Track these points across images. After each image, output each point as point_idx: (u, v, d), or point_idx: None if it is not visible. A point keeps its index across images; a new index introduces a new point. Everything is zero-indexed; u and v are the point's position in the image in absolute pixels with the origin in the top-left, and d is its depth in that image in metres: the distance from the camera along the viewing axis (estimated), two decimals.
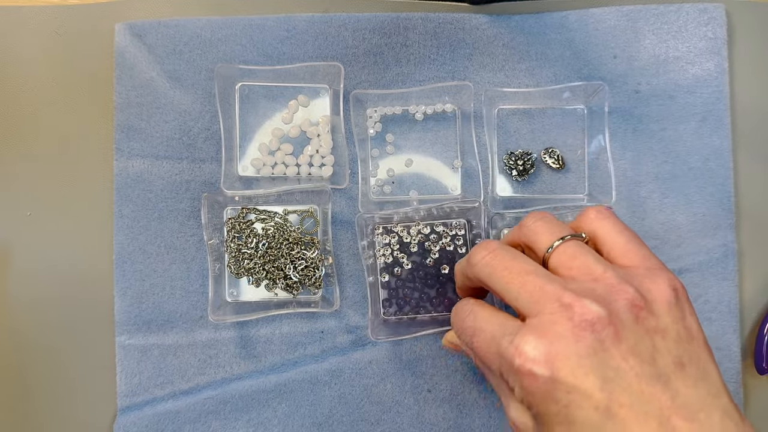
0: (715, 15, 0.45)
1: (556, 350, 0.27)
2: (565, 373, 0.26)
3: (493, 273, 0.31)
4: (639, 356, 0.27)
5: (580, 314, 0.27)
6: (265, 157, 0.45)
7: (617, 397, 0.26)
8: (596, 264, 0.30)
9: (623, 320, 0.27)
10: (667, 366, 0.27)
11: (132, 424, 0.43)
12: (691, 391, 0.27)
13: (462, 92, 0.45)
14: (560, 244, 0.31)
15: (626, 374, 0.27)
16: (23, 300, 0.44)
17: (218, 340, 0.44)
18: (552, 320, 0.27)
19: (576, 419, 0.27)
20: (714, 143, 0.45)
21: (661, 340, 0.28)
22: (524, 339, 0.28)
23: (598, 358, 0.27)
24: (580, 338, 0.27)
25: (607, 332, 0.27)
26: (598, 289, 0.28)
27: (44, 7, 0.46)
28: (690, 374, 0.27)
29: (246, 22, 0.45)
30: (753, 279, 0.45)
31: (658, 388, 0.27)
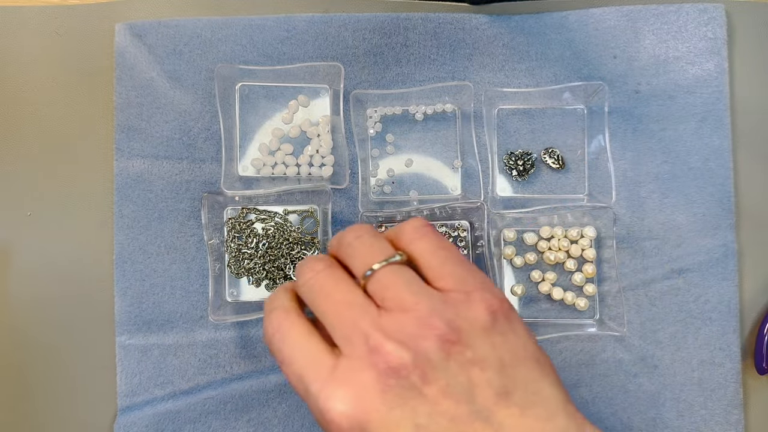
0: (715, 15, 0.45)
1: (363, 404, 0.25)
2: (374, 426, 0.25)
3: (314, 299, 0.29)
4: (453, 396, 0.25)
5: (384, 360, 0.26)
6: (265, 157, 0.45)
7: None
8: (408, 294, 0.27)
9: (432, 360, 0.26)
10: (488, 400, 0.26)
11: (132, 424, 0.43)
12: (517, 421, 0.25)
13: (462, 92, 0.45)
14: (375, 271, 0.28)
15: (439, 419, 0.25)
16: (23, 300, 0.44)
17: (218, 340, 0.44)
18: (359, 366, 0.26)
19: None
20: (714, 143, 0.45)
21: (480, 373, 0.26)
22: (333, 393, 0.26)
23: (408, 407, 0.25)
24: (386, 388, 0.25)
25: (413, 377, 0.25)
26: (408, 326, 0.26)
27: (44, 7, 0.46)
28: (516, 402, 0.26)
29: (246, 22, 0.45)
30: (753, 279, 0.45)
31: (477, 426, 0.25)
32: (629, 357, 0.44)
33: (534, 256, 0.45)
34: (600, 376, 0.44)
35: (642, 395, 0.43)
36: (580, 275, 0.44)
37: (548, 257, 0.44)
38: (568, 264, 0.44)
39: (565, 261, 0.44)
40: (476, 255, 0.44)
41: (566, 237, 0.44)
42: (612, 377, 0.43)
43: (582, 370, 0.44)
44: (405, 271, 0.28)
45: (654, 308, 0.44)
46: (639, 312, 0.44)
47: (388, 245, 0.30)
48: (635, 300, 0.44)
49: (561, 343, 0.44)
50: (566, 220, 0.45)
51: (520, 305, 0.44)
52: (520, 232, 0.45)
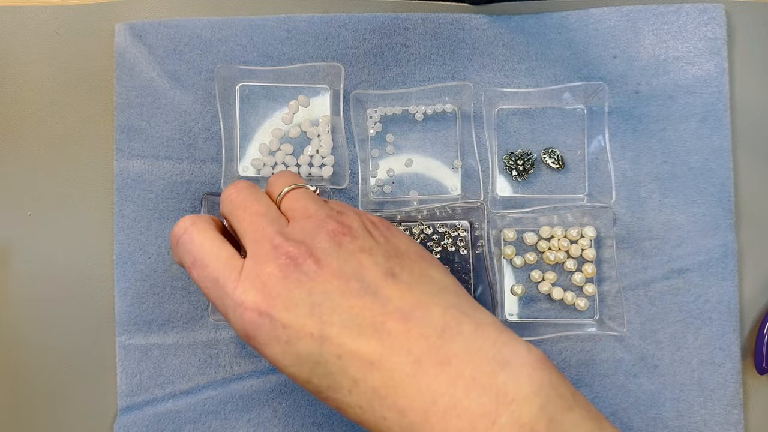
0: (715, 15, 0.45)
1: (268, 291, 0.29)
2: (278, 310, 0.28)
3: (232, 211, 0.33)
4: (344, 276, 0.29)
5: (284, 253, 0.29)
6: (265, 157, 0.45)
7: (327, 319, 0.28)
8: (312, 204, 0.33)
9: (325, 248, 0.30)
10: (377, 278, 0.29)
11: (132, 424, 0.43)
12: (405, 294, 0.29)
13: (462, 92, 0.45)
14: (290, 189, 0.34)
15: (332, 295, 0.28)
16: (23, 300, 0.44)
17: (218, 340, 0.44)
18: (263, 261, 0.30)
19: (299, 352, 0.28)
20: (714, 143, 0.45)
21: (368, 257, 0.30)
22: (245, 288, 0.29)
23: (305, 289, 0.29)
24: (286, 275, 0.29)
25: (309, 263, 0.29)
26: (308, 227, 0.31)
27: (44, 7, 0.46)
28: (403, 280, 0.30)
29: (246, 23, 0.45)
30: (753, 279, 0.45)
31: (367, 299, 0.28)
32: (629, 357, 0.44)
33: (534, 256, 0.45)
34: (600, 376, 0.44)
35: (642, 395, 0.43)
36: (580, 275, 0.44)
37: (548, 257, 0.44)
38: (568, 264, 0.44)
39: (565, 261, 0.45)
40: (476, 255, 0.44)
41: (566, 237, 0.44)
42: (612, 377, 0.43)
43: (582, 370, 0.44)
44: (310, 193, 0.34)
45: (654, 308, 0.44)
46: (639, 312, 0.44)
47: (303, 180, 0.36)
48: (635, 300, 0.44)
49: (561, 343, 0.44)
50: (566, 220, 0.45)
51: (520, 305, 0.44)
52: (520, 232, 0.45)
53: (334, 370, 0.28)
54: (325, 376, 0.28)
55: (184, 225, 0.33)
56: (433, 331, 0.28)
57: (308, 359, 0.28)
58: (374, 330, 0.28)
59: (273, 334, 0.28)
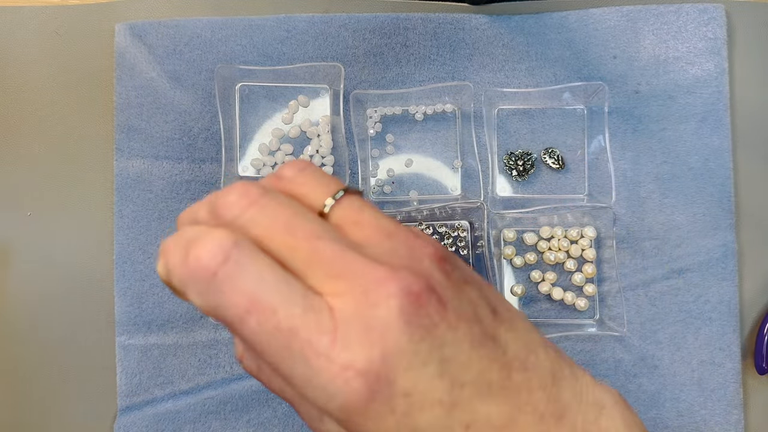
0: (715, 15, 0.45)
1: (387, 346, 0.20)
2: (400, 373, 0.20)
3: (267, 232, 0.21)
4: (466, 318, 0.22)
5: (400, 290, 0.20)
6: (265, 157, 0.45)
7: (458, 378, 0.21)
8: (384, 217, 0.23)
9: (440, 282, 0.21)
10: (488, 317, 0.22)
11: (132, 424, 0.43)
12: (513, 336, 0.23)
13: (462, 92, 0.45)
14: (343, 196, 0.23)
15: (462, 345, 0.21)
16: (23, 300, 0.44)
17: (218, 340, 0.44)
18: (368, 304, 0.20)
19: (418, 426, 0.21)
20: (714, 143, 0.45)
21: (471, 290, 0.23)
22: (347, 341, 0.20)
23: (432, 337, 0.20)
24: (409, 321, 0.20)
25: (432, 301, 0.21)
26: (400, 249, 0.22)
27: (44, 7, 0.46)
28: (505, 318, 0.23)
29: (246, 23, 0.45)
30: (753, 279, 0.45)
31: (492, 346, 0.22)
32: (629, 357, 0.44)
33: (534, 256, 0.45)
34: (600, 376, 0.43)
35: (642, 395, 0.43)
36: (580, 275, 0.44)
37: (548, 257, 0.44)
38: (568, 264, 0.44)
39: (565, 261, 0.44)
40: (476, 255, 0.44)
41: (566, 237, 0.44)
42: (612, 377, 0.43)
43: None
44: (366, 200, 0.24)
45: (654, 308, 0.44)
46: (639, 312, 0.44)
47: (336, 179, 0.25)
48: (635, 300, 0.44)
49: (561, 343, 0.44)
50: (566, 220, 0.45)
51: (520, 305, 0.44)
52: (520, 232, 0.45)
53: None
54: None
55: (223, 249, 0.21)
56: (548, 380, 0.23)
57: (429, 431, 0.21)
58: (502, 388, 0.22)
59: (389, 404, 0.20)
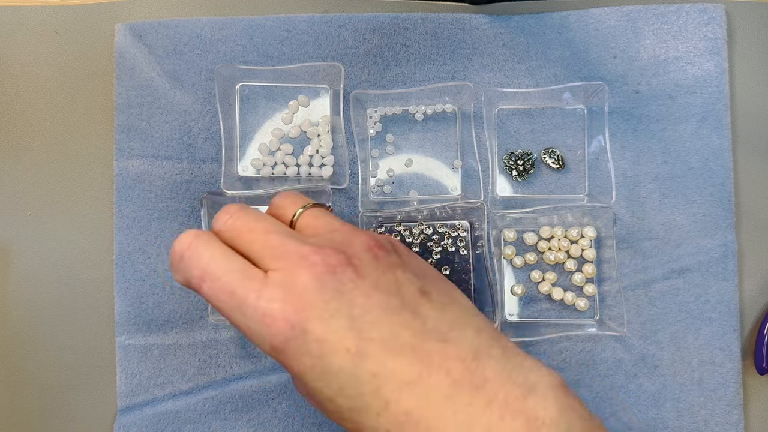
0: (715, 15, 0.45)
1: (302, 301, 0.27)
2: (313, 323, 0.26)
3: (237, 236, 0.30)
4: (384, 290, 0.28)
5: (319, 261, 0.27)
6: (265, 157, 0.45)
7: (367, 333, 0.26)
8: (335, 220, 0.31)
9: (363, 259, 0.28)
10: (413, 295, 0.28)
11: (132, 424, 0.43)
12: (439, 314, 0.28)
13: (462, 92, 0.45)
14: (304, 210, 0.32)
15: (373, 309, 0.27)
16: (23, 300, 0.44)
17: (218, 340, 0.44)
18: (294, 272, 0.27)
19: (331, 367, 0.26)
20: (714, 143, 0.45)
21: (402, 273, 0.29)
22: (273, 296, 0.27)
23: (344, 299, 0.27)
24: (323, 284, 0.27)
25: (347, 273, 0.27)
26: (337, 238, 0.29)
27: (44, 7, 0.46)
28: (436, 300, 0.29)
29: (246, 23, 0.45)
30: (753, 279, 0.45)
31: (408, 316, 0.27)
32: (629, 357, 0.44)
33: (534, 256, 0.45)
34: (600, 376, 0.44)
35: (642, 395, 0.43)
36: (580, 275, 0.44)
37: (548, 257, 0.44)
38: (568, 264, 0.44)
39: (565, 261, 0.44)
40: (476, 255, 0.44)
41: (566, 237, 0.44)
42: (612, 377, 0.43)
43: (582, 370, 0.44)
44: (327, 212, 0.33)
45: (654, 308, 0.44)
46: (639, 312, 0.44)
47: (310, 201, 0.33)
48: (635, 300, 0.44)
49: (561, 343, 0.44)
50: (566, 220, 0.45)
51: (520, 305, 0.44)
52: (520, 232, 0.45)
53: (366, 390, 0.26)
54: (353, 396, 0.26)
55: (188, 239, 0.30)
56: (468, 354, 0.27)
57: (339, 376, 0.26)
58: (413, 349, 0.26)
59: (305, 347, 0.26)
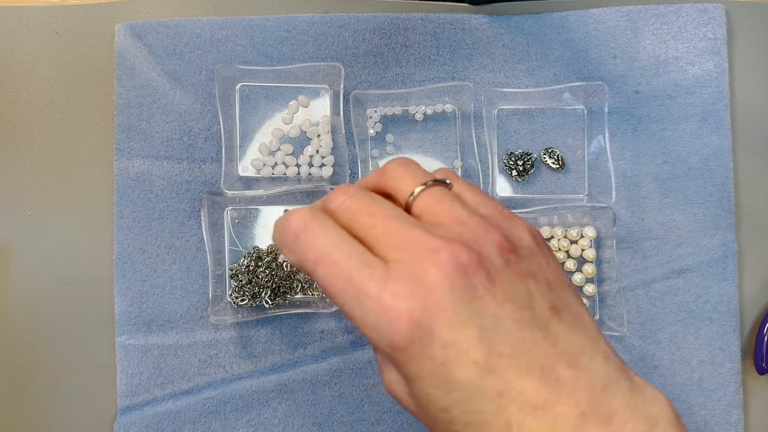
0: (715, 15, 0.45)
1: (431, 301, 0.24)
2: (441, 326, 0.24)
3: (354, 218, 0.27)
4: (516, 301, 0.25)
5: (450, 259, 0.24)
6: (265, 157, 0.45)
7: (496, 347, 0.24)
8: (461, 208, 0.27)
9: (495, 264, 0.25)
10: (545, 311, 0.25)
11: (132, 424, 0.43)
12: (570, 336, 0.25)
13: (462, 92, 0.45)
14: (424, 189, 0.28)
15: (505, 321, 0.24)
16: (23, 300, 0.44)
17: (218, 340, 0.44)
18: (421, 267, 0.24)
19: (454, 377, 0.24)
20: (714, 143, 0.45)
21: (535, 284, 0.26)
22: (398, 289, 0.24)
23: (474, 306, 0.24)
24: (454, 285, 0.24)
25: (479, 277, 0.24)
26: (465, 233, 0.26)
27: (44, 7, 0.46)
28: (566, 319, 0.26)
29: (246, 23, 0.45)
30: (753, 279, 0.45)
31: (538, 334, 0.25)
32: (629, 357, 0.44)
33: None
34: None
35: None
36: (580, 275, 0.44)
37: None
38: (568, 264, 0.44)
39: (565, 261, 0.44)
40: None
41: (566, 237, 0.44)
42: None
43: None
44: (450, 193, 0.28)
45: (654, 308, 0.44)
46: (639, 312, 0.44)
47: (429, 174, 0.29)
48: (635, 300, 0.44)
49: None
50: (566, 220, 0.45)
51: None
52: None
53: (489, 407, 0.24)
54: (473, 411, 0.24)
55: (303, 219, 0.27)
56: (598, 383, 0.25)
57: (462, 388, 0.24)
58: (542, 372, 0.24)
59: (429, 351, 0.24)
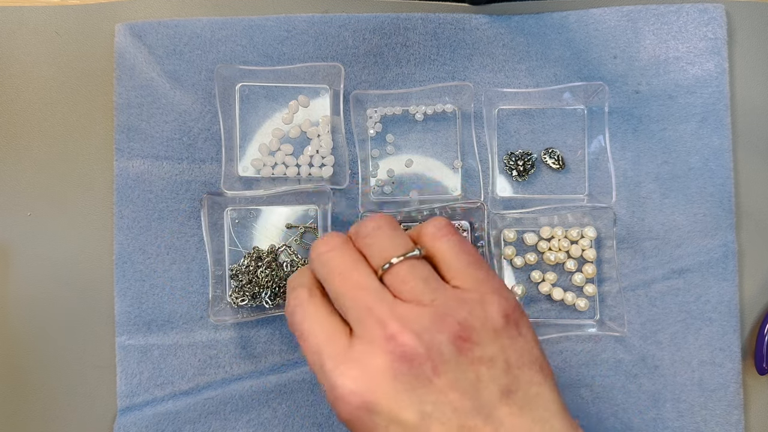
0: (715, 15, 0.45)
1: (374, 386, 0.27)
2: (383, 407, 0.27)
3: (328, 275, 0.30)
4: (460, 390, 0.27)
5: (400, 347, 0.27)
6: (265, 157, 0.45)
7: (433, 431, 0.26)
8: (426, 290, 0.29)
9: (444, 354, 0.27)
10: (492, 397, 0.27)
11: (132, 425, 0.43)
12: (515, 420, 0.27)
13: (462, 93, 0.45)
14: (394, 264, 0.29)
15: (444, 409, 0.26)
16: (23, 300, 0.44)
17: (218, 340, 0.44)
18: (373, 351, 0.27)
19: None
20: (714, 143, 0.45)
21: (487, 371, 0.27)
22: (346, 371, 0.27)
23: (416, 394, 0.27)
24: (398, 374, 0.27)
25: (425, 367, 0.27)
26: (424, 319, 0.28)
27: (44, 7, 0.46)
28: (517, 402, 0.27)
29: (246, 23, 0.45)
30: (753, 279, 0.45)
31: (478, 421, 0.26)
32: (629, 357, 0.44)
33: (534, 256, 0.45)
34: (600, 376, 0.43)
35: (642, 395, 0.43)
36: (580, 275, 0.44)
37: (548, 257, 0.44)
38: (568, 264, 0.44)
39: (565, 261, 0.44)
40: None
41: (566, 237, 0.44)
42: (612, 377, 0.43)
43: (582, 370, 0.44)
44: (423, 267, 0.30)
45: (654, 308, 0.44)
46: (639, 312, 0.44)
47: (407, 239, 0.31)
48: (635, 300, 0.44)
49: (561, 344, 0.44)
50: (566, 220, 0.45)
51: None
52: (521, 233, 0.45)
53: None
54: None
55: (301, 297, 0.30)
56: None
57: None
58: None
59: (370, 426, 0.27)
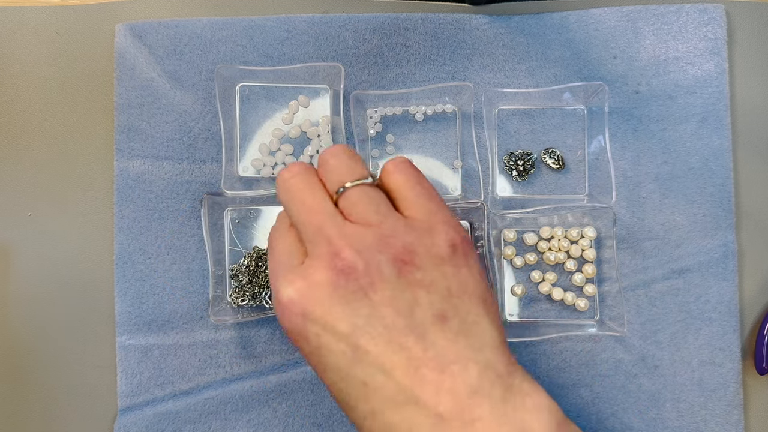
0: (715, 15, 0.45)
1: (311, 296, 0.28)
2: (318, 316, 0.28)
3: (288, 200, 0.32)
4: (394, 308, 0.28)
5: (341, 262, 0.28)
6: (265, 157, 0.45)
7: (365, 344, 0.27)
8: (375, 213, 0.30)
9: (384, 273, 0.28)
10: (426, 319, 0.28)
11: (132, 425, 0.43)
12: (448, 344, 0.28)
13: (462, 93, 0.45)
14: (347, 188, 0.31)
15: (376, 324, 0.28)
16: (23, 300, 0.44)
17: (218, 340, 0.44)
18: (317, 266, 0.29)
19: (327, 362, 0.28)
20: (714, 143, 0.45)
21: (426, 294, 0.28)
22: (291, 283, 0.29)
23: (351, 307, 0.28)
24: (336, 285, 0.28)
25: (362, 282, 0.28)
26: (368, 239, 0.29)
27: (44, 7, 0.46)
28: (451, 328, 0.28)
29: (246, 23, 0.45)
30: (753, 279, 0.45)
31: (410, 339, 0.27)
32: (629, 357, 0.44)
33: (534, 256, 0.45)
34: (600, 376, 0.44)
35: (642, 395, 0.43)
36: (580, 275, 0.44)
37: (548, 257, 0.44)
38: (568, 264, 0.44)
39: (565, 261, 0.44)
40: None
41: (566, 237, 0.44)
42: (612, 377, 0.43)
43: (582, 370, 0.44)
44: (375, 193, 0.31)
45: (654, 308, 0.44)
46: (639, 312, 0.44)
47: (363, 167, 0.32)
48: (635, 300, 0.44)
49: (561, 344, 0.44)
50: (566, 220, 0.45)
51: (521, 305, 0.44)
52: (521, 233, 0.45)
53: (355, 393, 0.28)
54: (344, 391, 0.29)
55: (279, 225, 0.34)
56: (464, 389, 0.27)
57: (333, 371, 0.29)
58: (406, 371, 0.27)
59: (305, 335, 0.29)
